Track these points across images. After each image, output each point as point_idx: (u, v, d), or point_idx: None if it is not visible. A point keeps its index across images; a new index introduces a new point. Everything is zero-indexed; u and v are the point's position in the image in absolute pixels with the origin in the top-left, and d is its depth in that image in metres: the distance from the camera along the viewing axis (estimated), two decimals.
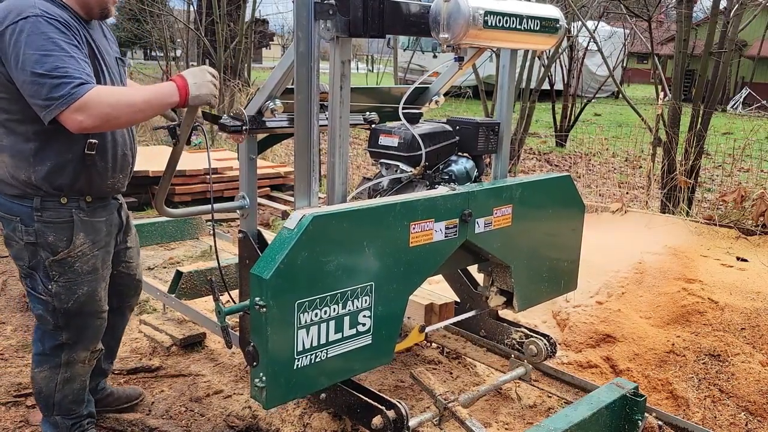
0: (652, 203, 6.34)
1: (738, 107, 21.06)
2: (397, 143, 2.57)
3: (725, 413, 3.01)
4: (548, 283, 2.89)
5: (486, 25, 2.20)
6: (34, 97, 1.97)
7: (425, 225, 2.26)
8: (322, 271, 2.01)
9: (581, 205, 2.96)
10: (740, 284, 3.73)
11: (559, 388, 3.03)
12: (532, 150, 11.17)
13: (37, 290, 2.26)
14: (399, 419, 2.32)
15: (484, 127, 2.71)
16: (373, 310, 2.18)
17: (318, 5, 2.06)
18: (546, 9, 2.52)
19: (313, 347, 2.04)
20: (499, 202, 2.54)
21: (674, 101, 6.17)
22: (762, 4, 7.36)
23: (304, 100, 2.13)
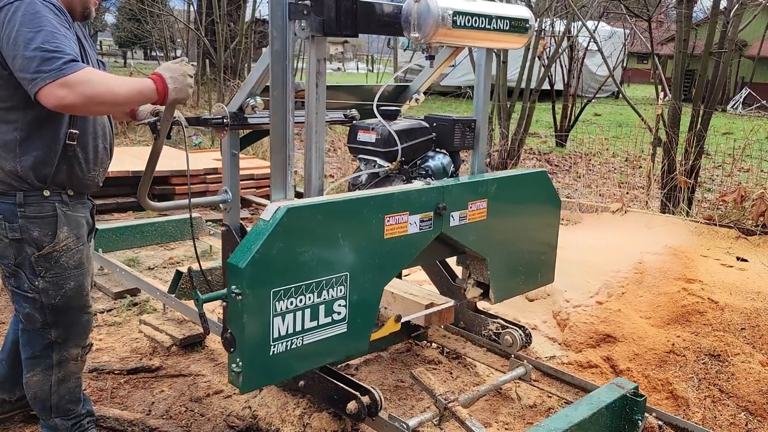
0: (652, 203, 6.34)
1: (738, 107, 21.05)
2: (374, 139, 2.66)
3: (725, 413, 3.01)
4: (525, 275, 2.97)
5: (455, 25, 2.28)
6: (24, 70, 1.94)
7: (400, 218, 2.33)
8: (297, 261, 2.07)
9: (557, 200, 3.03)
10: (740, 284, 3.73)
11: (559, 388, 3.03)
12: (532, 150, 11.17)
13: (23, 288, 2.24)
14: (373, 404, 2.42)
15: (460, 123, 2.80)
16: (349, 300, 2.24)
17: (292, 5, 2.12)
18: (516, 9, 2.60)
19: (289, 334, 2.09)
20: (474, 197, 2.61)
21: (674, 101, 6.17)
22: (762, 4, 7.36)
23: (279, 97, 2.19)
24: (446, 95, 19.81)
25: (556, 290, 3.90)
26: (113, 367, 3.24)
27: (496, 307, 3.87)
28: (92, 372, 3.20)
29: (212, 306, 3.97)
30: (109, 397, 3.01)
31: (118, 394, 3.04)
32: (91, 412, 2.58)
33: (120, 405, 2.95)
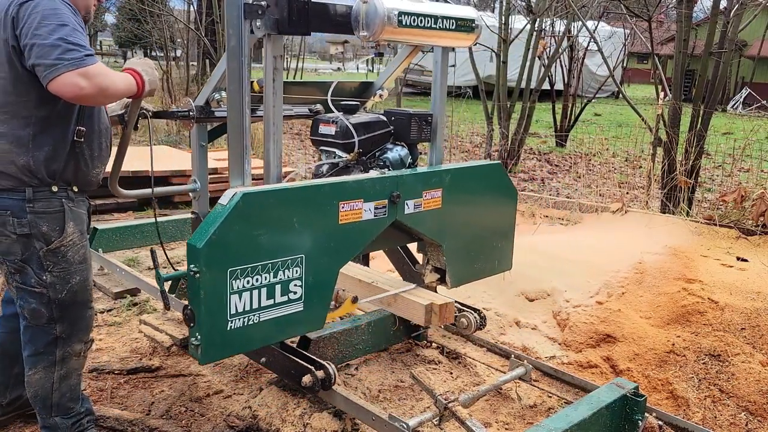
0: (652, 203, 6.34)
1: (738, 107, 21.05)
2: (334, 132, 2.84)
3: (725, 413, 3.01)
4: (481, 262, 3.11)
5: (400, 24, 2.45)
6: (43, 57, 2.01)
7: (354, 204, 2.48)
8: (254, 243, 2.20)
9: (513, 190, 3.18)
10: (740, 284, 3.73)
11: (559, 388, 3.04)
12: (532, 150, 11.17)
13: (30, 283, 2.27)
14: (327, 378, 2.59)
15: (416, 117, 2.97)
16: (305, 280, 2.37)
17: (247, 5, 2.26)
18: (462, 10, 2.76)
19: (246, 311, 2.22)
20: (428, 186, 2.76)
21: (674, 101, 6.17)
22: (762, 4, 7.36)
23: (236, 91, 2.34)
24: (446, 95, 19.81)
25: (556, 290, 3.90)
26: (113, 367, 3.24)
27: (493, 304, 3.87)
28: (92, 372, 3.20)
29: None
30: (109, 397, 3.01)
31: (118, 394, 3.04)
32: (91, 410, 2.59)
33: (120, 405, 2.95)
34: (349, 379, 3.09)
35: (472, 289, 4.07)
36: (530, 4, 10.29)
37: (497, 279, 4.09)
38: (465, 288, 4.09)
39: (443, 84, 2.99)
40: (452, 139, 10.94)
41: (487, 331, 3.65)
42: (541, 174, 9.29)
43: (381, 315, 3.21)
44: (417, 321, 2.92)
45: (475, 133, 12.09)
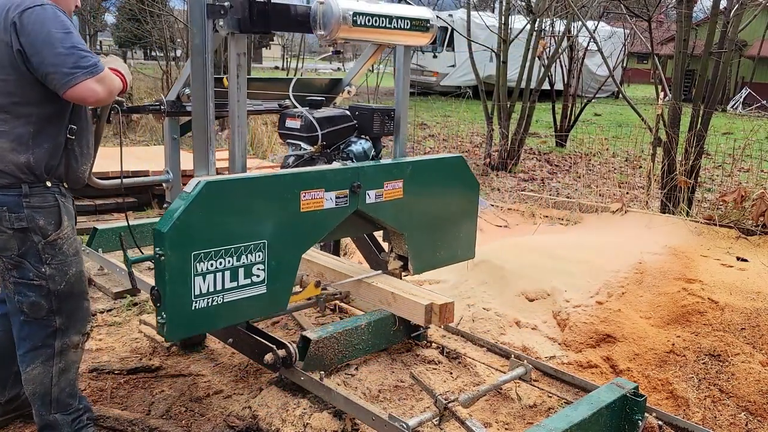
0: (652, 203, 6.34)
1: (738, 107, 21.06)
2: (299, 125, 2.98)
3: (725, 413, 3.01)
4: (443, 250, 3.25)
5: (355, 24, 2.58)
6: (59, 65, 2.14)
7: (315, 194, 2.62)
8: (217, 228, 2.34)
9: (474, 182, 3.33)
10: (740, 284, 3.73)
11: (559, 388, 3.03)
12: (532, 150, 11.17)
13: (29, 277, 2.32)
14: (288, 357, 2.78)
15: (379, 112, 3.14)
16: (267, 265, 2.50)
17: (210, 6, 2.41)
18: (417, 10, 2.90)
19: (210, 292, 2.35)
20: (389, 177, 2.90)
21: (674, 101, 6.16)
22: (762, 4, 7.35)
23: (199, 86, 2.48)
24: (446, 95, 19.83)
25: (556, 290, 3.90)
26: (113, 367, 3.24)
27: (493, 304, 3.87)
28: (92, 372, 3.20)
29: None
30: (109, 397, 3.01)
31: (118, 394, 3.04)
32: (89, 408, 2.59)
33: (120, 405, 2.95)
34: (349, 379, 3.09)
35: (472, 290, 4.08)
36: (530, 4, 10.29)
37: (497, 279, 4.10)
38: (465, 289, 4.10)
39: (406, 81, 3.10)
40: (452, 139, 10.94)
41: (487, 331, 3.65)
42: (541, 174, 9.29)
43: (381, 315, 3.21)
44: (417, 321, 2.92)
45: (475, 133, 12.09)
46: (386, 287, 2.99)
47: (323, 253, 3.47)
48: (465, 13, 12.07)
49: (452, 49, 20.76)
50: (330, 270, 3.23)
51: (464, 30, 10.83)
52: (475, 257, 3.46)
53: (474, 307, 3.88)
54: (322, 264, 3.30)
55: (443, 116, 15.00)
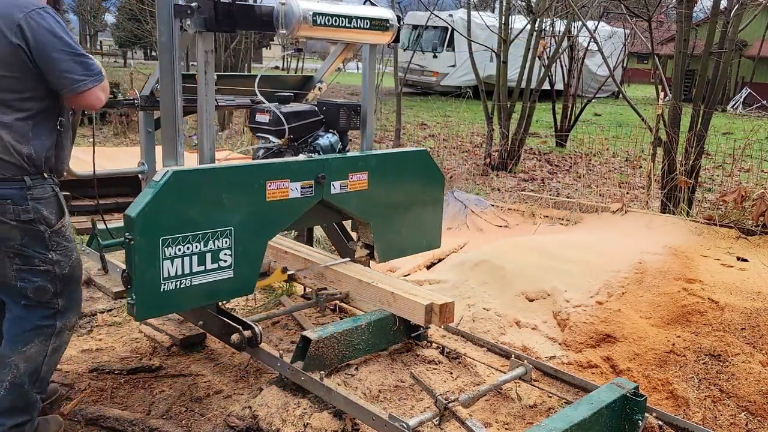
0: (652, 203, 6.34)
1: (738, 107, 21.06)
2: (267, 120, 3.12)
3: (725, 413, 3.01)
4: (408, 240, 3.43)
5: (315, 23, 2.74)
6: (70, 72, 2.30)
7: (281, 184, 2.76)
8: (184, 215, 2.48)
9: (440, 175, 3.49)
10: (740, 284, 3.73)
11: (559, 388, 3.03)
12: (532, 150, 11.17)
13: (34, 264, 2.41)
14: (253, 337, 2.93)
15: (345, 108, 3.28)
16: (234, 250, 2.64)
17: (176, 6, 2.55)
18: (377, 11, 3.05)
19: (178, 275, 2.49)
20: (354, 169, 3.05)
21: (674, 101, 6.16)
22: (762, 4, 7.35)
23: (168, 82, 2.62)
24: (446, 95, 19.84)
25: (556, 290, 3.90)
26: (113, 367, 3.24)
27: (493, 304, 3.87)
28: (92, 372, 3.20)
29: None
30: (109, 397, 3.01)
31: (118, 394, 3.04)
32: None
33: (120, 405, 2.95)
34: (349, 379, 3.09)
35: (472, 290, 4.08)
36: (530, 4, 10.29)
37: (497, 279, 4.09)
38: (465, 289, 4.10)
39: (371, 78, 3.30)
40: (452, 139, 10.94)
41: (487, 331, 3.65)
42: (541, 174, 9.29)
43: (381, 315, 3.21)
44: (417, 321, 2.92)
45: (475, 133, 12.09)
46: (386, 287, 2.99)
47: (322, 252, 3.49)
48: (465, 13, 12.08)
49: (452, 49, 20.77)
50: (329, 269, 3.24)
51: (464, 30, 10.83)
52: (440, 246, 3.65)
53: (474, 307, 3.88)
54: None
55: (443, 116, 15.00)
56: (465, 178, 8.12)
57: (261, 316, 3.50)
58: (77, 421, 2.81)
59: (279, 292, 4.17)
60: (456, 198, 6.11)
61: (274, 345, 3.49)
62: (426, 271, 4.68)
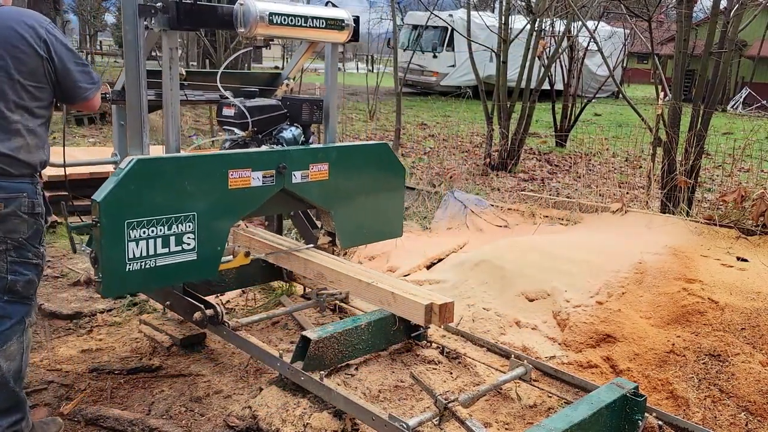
0: (652, 203, 6.33)
1: (738, 107, 21.06)
2: (233, 113, 3.32)
3: (725, 413, 3.01)
4: (370, 228, 3.61)
5: (271, 23, 2.95)
6: (82, 81, 2.55)
7: (243, 173, 2.92)
8: (148, 200, 2.64)
9: (400, 167, 3.68)
10: (740, 284, 3.73)
11: (559, 388, 3.03)
12: (532, 150, 11.17)
13: (27, 257, 2.51)
14: (215, 315, 3.13)
15: (307, 103, 3.49)
16: (197, 234, 2.80)
17: (141, 6, 2.73)
18: (333, 11, 3.26)
19: (143, 257, 2.65)
20: (315, 160, 3.22)
21: (674, 101, 6.16)
22: (762, 4, 7.35)
23: (133, 77, 2.80)
24: (446, 95, 19.84)
25: (556, 290, 3.90)
26: (113, 367, 3.25)
27: (493, 304, 3.87)
28: (92, 372, 3.20)
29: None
30: (109, 397, 3.01)
31: (118, 394, 3.04)
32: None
33: (120, 405, 2.95)
34: (349, 379, 3.09)
35: (472, 290, 4.07)
36: (530, 4, 10.29)
37: (497, 279, 4.09)
38: (465, 289, 4.10)
39: (333, 75, 3.51)
40: (452, 139, 10.94)
41: (487, 331, 3.65)
42: (541, 174, 9.29)
43: (381, 315, 3.21)
44: (417, 321, 2.92)
45: (475, 133, 12.09)
46: (386, 287, 2.99)
47: (322, 252, 3.50)
48: (465, 13, 12.08)
49: (452, 49, 20.76)
50: (329, 269, 3.26)
51: (464, 30, 10.83)
52: (402, 235, 3.88)
53: (474, 307, 3.88)
54: (322, 264, 3.32)
55: (443, 116, 15.00)
56: (465, 178, 8.12)
57: (261, 316, 3.51)
58: (77, 421, 2.81)
59: (279, 292, 4.17)
60: (456, 198, 6.11)
61: (274, 345, 3.49)
62: (426, 271, 4.68)
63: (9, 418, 2.49)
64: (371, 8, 21.61)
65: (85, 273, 4.29)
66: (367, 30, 17.95)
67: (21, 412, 2.53)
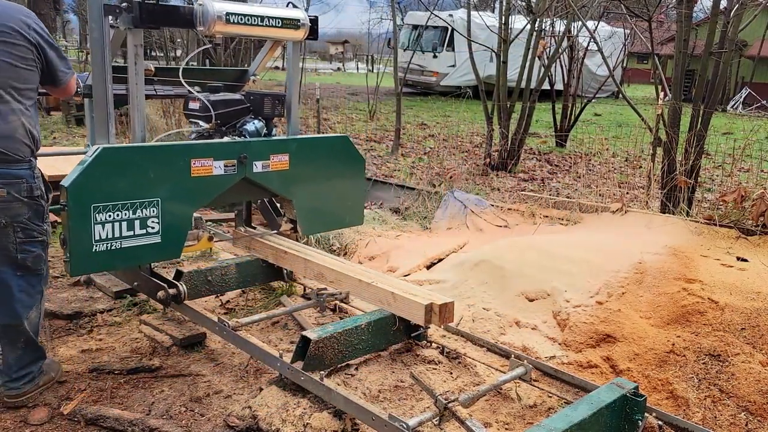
0: (652, 203, 6.33)
1: (738, 107, 21.06)
2: (198, 107, 3.52)
3: (725, 413, 3.01)
4: (330, 216, 3.81)
5: (228, 22, 3.18)
6: (62, 66, 2.85)
7: (204, 162, 3.12)
8: (113, 186, 2.83)
9: (360, 159, 3.87)
10: (740, 284, 3.73)
11: (559, 388, 3.03)
12: (532, 150, 11.17)
13: (34, 236, 2.76)
14: (177, 294, 3.32)
15: (269, 97, 3.68)
16: (161, 219, 3.00)
17: (106, 5, 2.95)
18: (289, 11, 3.49)
19: (109, 239, 2.85)
20: (275, 151, 3.42)
21: (674, 101, 6.16)
22: (762, 4, 7.35)
23: (99, 71, 3.00)
24: (446, 95, 19.84)
25: (556, 290, 3.90)
26: (113, 367, 3.24)
27: (493, 304, 3.87)
28: (92, 372, 3.20)
29: (212, 306, 3.97)
30: (109, 397, 3.01)
31: (118, 394, 3.04)
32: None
33: (120, 405, 2.95)
34: (349, 379, 3.09)
35: (472, 290, 4.08)
36: (530, 4, 10.29)
37: (497, 279, 4.09)
38: (465, 289, 4.10)
39: (295, 71, 3.79)
40: (452, 139, 10.94)
41: (487, 331, 3.65)
42: (541, 174, 9.29)
43: (381, 315, 3.21)
44: (417, 321, 2.92)
45: (475, 133, 12.09)
46: (386, 287, 2.99)
47: (322, 252, 3.50)
48: (465, 13, 12.08)
49: (452, 49, 20.77)
50: (329, 269, 3.26)
51: (464, 30, 10.83)
52: (363, 223, 4.07)
53: (474, 307, 3.88)
54: (322, 264, 3.33)
55: (443, 116, 15.00)
56: (465, 178, 8.12)
57: (261, 316, 3.51)
58: (77, 421, 2.81)
59: (279, 292, 4.17)
60: (456, 198, 6.11)
61: (274, 345, 3.49)
62: (426, 271, 4.68)
63: (39, 362, 2.96)
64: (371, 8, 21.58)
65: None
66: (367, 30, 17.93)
67: (44, 356, 2.99)
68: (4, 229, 2.68)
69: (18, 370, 2.88)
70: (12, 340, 2.85)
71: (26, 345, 2.88)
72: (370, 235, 5.49)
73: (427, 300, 2.82)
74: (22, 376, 2.89)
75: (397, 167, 9.10)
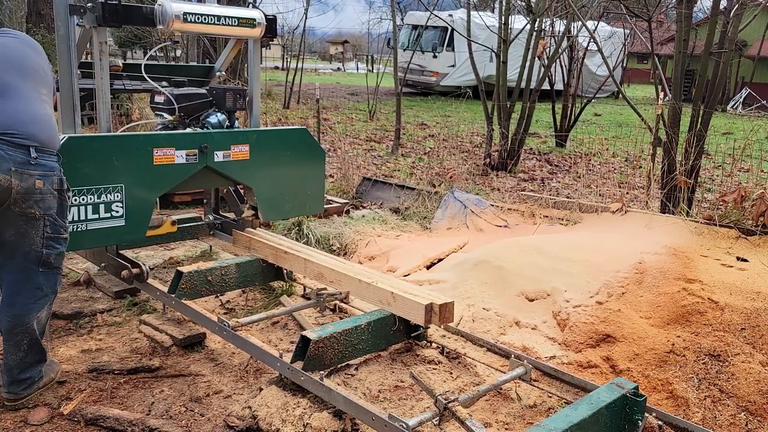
0: (652, 203, 6.33)
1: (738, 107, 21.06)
2: (162, 100, 3.75)
3: (725, 413, 3.01)
4: (291, 203, 4.09)
5: (186, 21, 3.44)
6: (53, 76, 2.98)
7: (167, 151, 3.38)
8: (79, 172, 3.07)
9: (320, 150, 4.18)
10: (740, 284, 3.73)
11: (559, 388, 3.03)
12: (532, 150, 11.17)
13: (60, 232, 2.80)
14: (140, 274, 3.62)
15: (231, 91, 3.94)
16: (125, 203, 3.28)
17: (71, 6, 3.19)
18: (246, 11, 3.75)
19: (75, 221, 3.12)
20: (235, 142, 3.69)
21: (674, 101, 6.16)
22: (762, 4, 7.35)
23: (65, 66, 3.23)
24: (446, 95, 19.83)
25: (556, 290, 3.90)
26: (113, 367, 3.24)
27: (493, 304, 3.87)
28: (92, 372, 3.20)
29: (212, 306, 3.97)
30: (109, 397, 3.01)
31: (118, 394, 3.04)
32: None
33: (120, 405, 2.95)
34: (349, 379, 3.09)
35: (471, 290, 4.07)
36: (530, 4, 10.29)
37: (497, 279, 4.09)
38: (465, 289, 4.10)
39: (256, 67, 4.09)
40: (452, 139, 10.94)
41: (487, 331, 3.65)
42: (541, 174, 9.29)
43: (381, 315, 3.21)
44: (417, 321, 2.92)
45: (475, 133, 12.08)
46: (386, 287, 2.99)
47: (322, 252, 3.51)
48: (465, 13, 12.08)
49: (452, 49, 20.76)
50: (329, 269, 3.26)
51: (464, 30, 10.83)
52: (323, 210, 4.46)
53: (474, 307, 3.88)
54: (322, 264, 3.33)
55: (443, 116, 15.00)
56: (465, 178, 8.11)
57: (261, 316, 3.51)
58: (77, 421, 2.81)
59: (279, 292, 4.17)
60: (456, 198, 6.11)
61: (274, 345, 3.49)
62: (426, 271, 4.68)
63: (40, 366, 2.94)
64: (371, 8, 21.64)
65: (85, 273, 4.29)
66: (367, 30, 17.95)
67: (45, 359, 2.98)
68: (36, 222, 2.68)
69: (19, 373, 2.85)
70: (17, 342, 2.82)
71: (30, 347, 2.86)
72: (370, 235, 5.49)
73: (427, 300, 2.82)
74: (23, 380, 2.86)
75: (397, 167, 9.10)
